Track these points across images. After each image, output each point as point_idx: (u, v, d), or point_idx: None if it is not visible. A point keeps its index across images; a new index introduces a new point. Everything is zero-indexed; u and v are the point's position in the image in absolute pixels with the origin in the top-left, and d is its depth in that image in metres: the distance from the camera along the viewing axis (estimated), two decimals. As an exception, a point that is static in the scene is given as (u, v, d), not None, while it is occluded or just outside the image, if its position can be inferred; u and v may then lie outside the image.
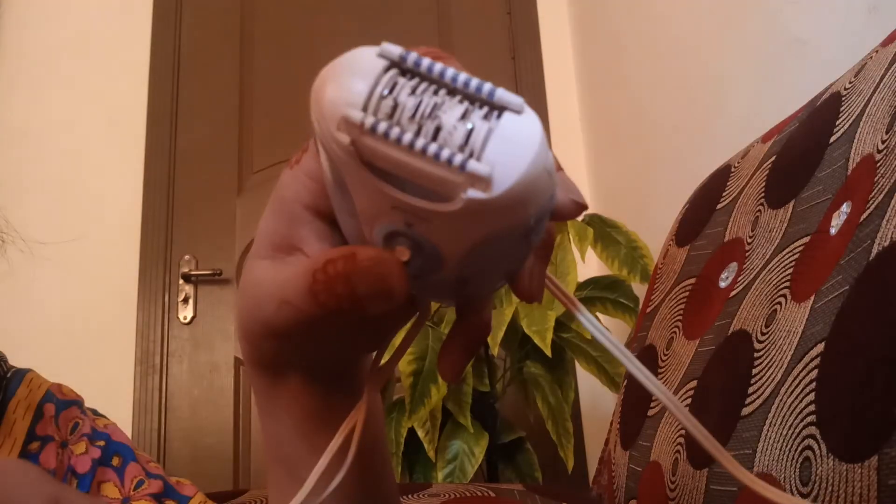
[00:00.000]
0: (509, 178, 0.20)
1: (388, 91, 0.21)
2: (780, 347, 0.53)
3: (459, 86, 0.21)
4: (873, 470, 0.39)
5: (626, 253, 1.48)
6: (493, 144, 0.21)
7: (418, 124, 0.21)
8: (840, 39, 1.01)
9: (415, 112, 0.21)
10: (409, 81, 0.21)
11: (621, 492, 0.73)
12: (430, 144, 0.20)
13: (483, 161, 0.20)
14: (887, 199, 0.47)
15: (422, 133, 0.20)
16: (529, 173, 0.21)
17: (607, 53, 1.89)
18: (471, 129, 0.21)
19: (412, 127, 0.20)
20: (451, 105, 0.21)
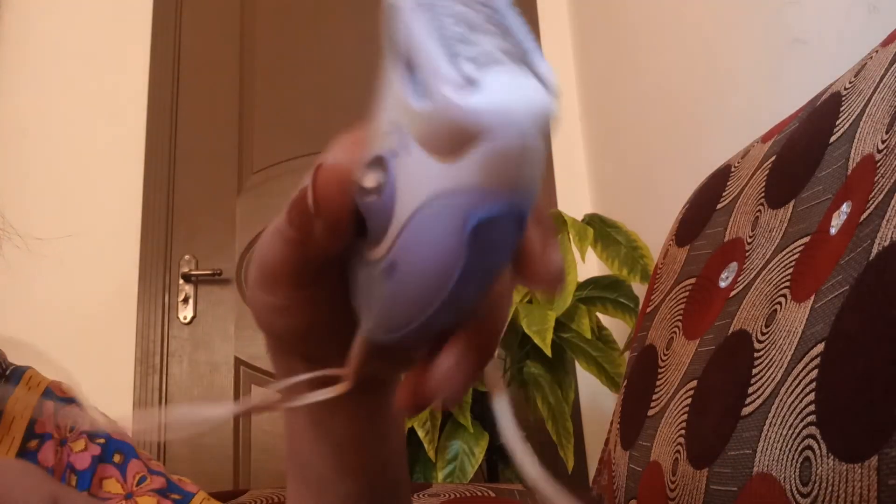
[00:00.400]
0: (498, 111, 0.18)
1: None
2: (781, 347, 0.53)
3: (512, 27, 0.20)
4: (873, 470, 0.39)
5: (626, 253, 1.48)
6: (504, 79, 0.18)
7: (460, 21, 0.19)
8: (840, 39, 1.01)
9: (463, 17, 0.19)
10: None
11: (621, 492, 0.73)
12: (455, 33, 0.19)
13: (486, 86, 0.18)
14: (887, 199, 0.47)
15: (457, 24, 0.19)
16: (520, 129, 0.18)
17: (607, 53, 1.89)
18: (490, 52, 0.19)
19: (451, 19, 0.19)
20: (494, 34, 0.19)
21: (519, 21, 0.20)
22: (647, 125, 1.65)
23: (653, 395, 0.73)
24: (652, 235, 1.47)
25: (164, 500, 0.55)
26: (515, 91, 0.18)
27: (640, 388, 0.77)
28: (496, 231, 0.20)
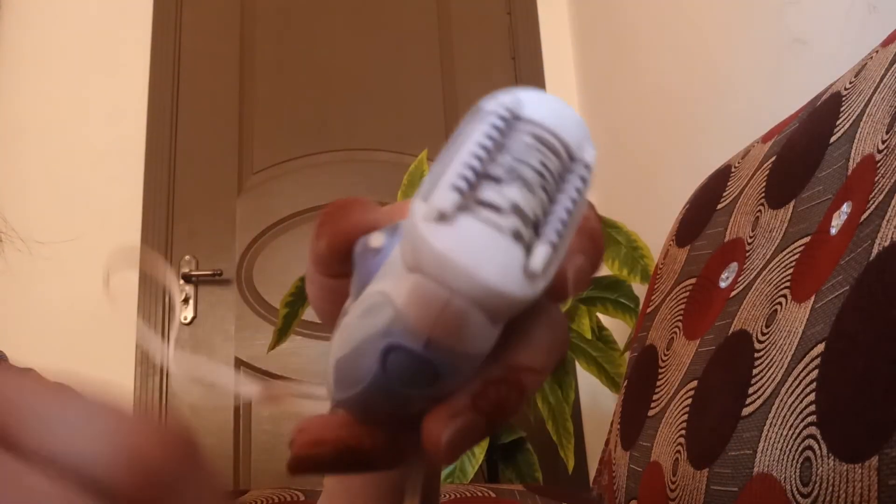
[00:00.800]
0: (440, 252, 0.17)
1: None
2: (781, 347, 0.53)
3: (555, 204, 0.19)
4: (873, 470, 0.39)
5: (626, 253, 1.48)
6: (480, 233, 0.17)
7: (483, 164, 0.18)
8: (840, 39, 1.01)
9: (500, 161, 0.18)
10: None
11: (622, 492, 0.73)
12: (497, 172, 0.18)
13: (456, 225, 0.17)
14: (887, 199, 0.47)
15: (466, 165, 0.18)
16: (451, 284, 0.17)
17: (607, 54, 1.89)
18: (499, 206, 0.17)
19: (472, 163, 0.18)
20: (528, 195, 0.18)
21: (566, 207, 0.18)
22: (647, 125, 1.65)
23: (653, 396, 0.73)
24: (652, 235, 1.47)
25: None
26: (477, 248, 0.17)
27: (641, 388, 0.77)
28: (405, 363, 0.19)
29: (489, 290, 0.17)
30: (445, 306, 0.18)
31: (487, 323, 0.18)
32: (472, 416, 0.19)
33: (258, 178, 2.03)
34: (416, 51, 2.10)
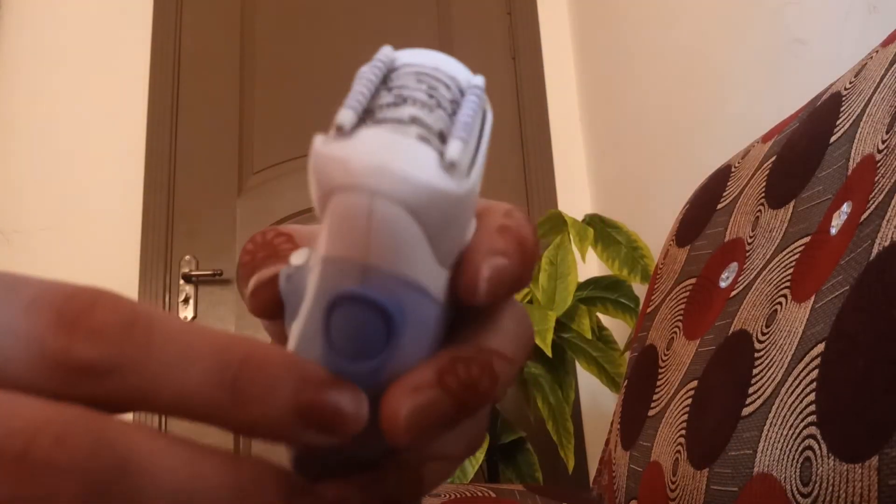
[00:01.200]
0: (348, 161, 0.16)
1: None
2: (781, 347, 0.53)
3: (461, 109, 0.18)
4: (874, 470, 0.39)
5: (626, 253, 1.48)
6: (383, 139, 0.16)
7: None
8: (840, 39, 1.01)
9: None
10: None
11: (622, 492, 0.73)
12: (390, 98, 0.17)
13: (357, 138, 0.16)
14: (888, 199, 0.47)
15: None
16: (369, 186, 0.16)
17: (607, 53, 1.89)
18: (397, 116, 0.17)
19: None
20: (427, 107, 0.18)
21: (468, 114, 0.18)
22: (647, 125, 1.65)
23: (653, 396, 0.73)
24: (652, 235, 1.47)
25: None
26: (386, 147, 0.16)
27: (641, 388, 0.77)
28: (351, 317, 0.17)
29: (408, 180, 0.16)
30: (369, 212, 0.16)
31: (423, 239, 0.17)
32: (437, 393, 0.17)
33: (258, 178, 2.03)
34: (416, 51, 2.10)
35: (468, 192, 0.17)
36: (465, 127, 0.17)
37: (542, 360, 1.42)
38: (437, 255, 0.17)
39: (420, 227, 0.16)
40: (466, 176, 0.17)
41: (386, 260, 0.17)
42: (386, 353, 0.18)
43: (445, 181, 0.16)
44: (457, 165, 0.17)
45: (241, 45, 2.13)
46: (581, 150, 2.04)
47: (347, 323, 0.17)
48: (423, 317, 0.18)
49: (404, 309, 0.17)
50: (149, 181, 2.01)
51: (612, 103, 1.86)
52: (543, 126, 2.06)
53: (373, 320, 0.17)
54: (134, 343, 0.15)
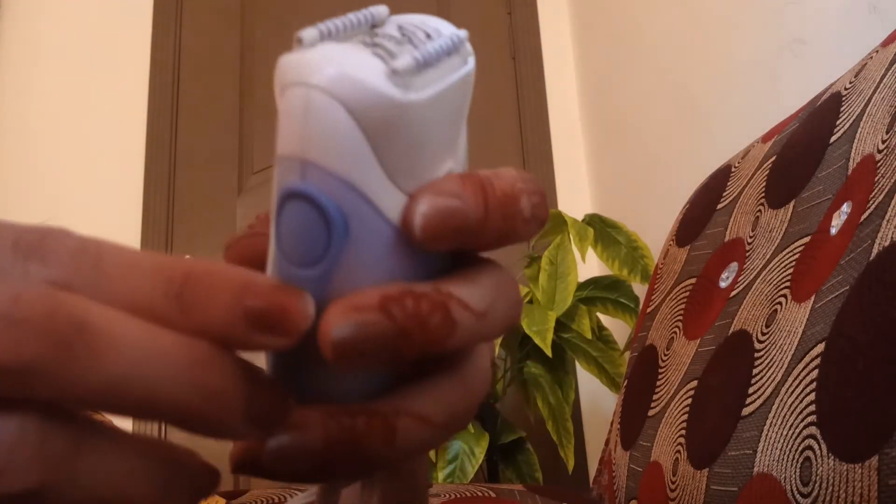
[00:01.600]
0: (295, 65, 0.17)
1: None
2: (781, 347, 0.53)
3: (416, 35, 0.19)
4: (874, 470, 0.39)
5: (626, 253, 1.48)
6: (335, 49, 0.17)
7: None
8: (840, 39, 1.01)
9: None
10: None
11: (622, 492, 0.73)
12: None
13: (313, 49, 0.17)
14: (888, 199, 0.47)
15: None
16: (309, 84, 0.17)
17: (607, 53, 1.89)
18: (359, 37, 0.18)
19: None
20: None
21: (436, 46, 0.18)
22: (647, 125, 1.65)
23: (653, 396, 0.73)
24: (652, 235, 1.47)
25: None
26: (334, 56, 0.17)
27: (641, 388, 0.77)
28: (294, 216, 0.18)
29: (346, 76, 0.17)
30: (306, 104, 0.17)
31: (365, 144, 0.17)
32: (377, 317, 0.17)
33: (258, 178, 2.03)
34: (416, 51, 2.10)
35: (413, 104, 0.17)
36: (424, 51, 0.18)
37: (542, 360, 1.42)
38: (387, 169, 0.18)
39: (360, 129, 0.17)
40: (416, 91, 0.17)
41: (323, 156, 0.17)
42: (329, 258, 0.18)
43: (386, 85, 0.17)
44: (401, 74, 0.17)
45: (241, 45, 2.13)
46: (581, 150, 2.04)
47: (291, 222, 0.18)
48: (371, 232, 0.18)
49: (345, 213, 0.17)
50: (149, 181, 2.01)
51: (612, 103, 1.86)
52: (543, 126, 2.06)
53: (314, 220, 0.17)
54: (85, 264, 0.16)
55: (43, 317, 0.15)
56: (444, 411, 0.19)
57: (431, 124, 0.18)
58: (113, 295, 0.16)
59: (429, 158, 0.19)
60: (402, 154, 0.18)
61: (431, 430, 0.19)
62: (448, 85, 0.18)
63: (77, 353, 0.15)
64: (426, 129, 0.18)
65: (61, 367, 0.15)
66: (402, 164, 0.18)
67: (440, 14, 2.25)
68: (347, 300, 0.17)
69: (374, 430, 0.18)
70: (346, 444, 0.18)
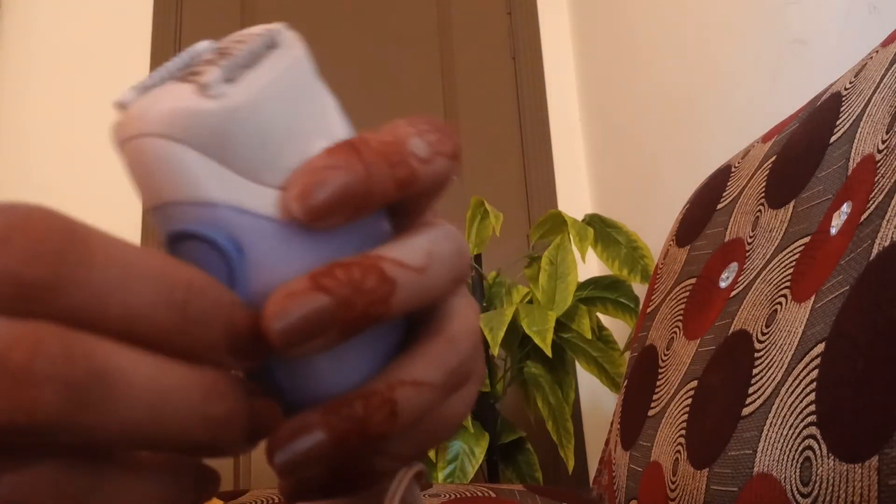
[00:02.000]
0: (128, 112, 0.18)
1: None
2: (781, 347, 0.53)
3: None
4: (874, 470, 0.39)
5: (626, 253, 1.48)
6: (157, 90, 0.18)
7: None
8: (840, 39, 1.01)
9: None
10: None
11: (622, 492, 0.73)
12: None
13: (137, 102, 0.18)
14: (888, 199, 0.47)
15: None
16: (131, 129, 0.17)
17: (607, 54, 1.89)
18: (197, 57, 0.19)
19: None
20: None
21: (246, 46, 0.19)
22: (647, 125, 1.65)
23: (653, 396, 0.73)
24: (652, 235, 1.47)
25: None
26: (145, 104, 0.18)
27: (641, 388, 0.77)
28: (189, 257, 0.18)
29: (157, 112, 0.17)
30: (136, 153, 0.17)
31: (204, 160, 0.17)
32: (314, 295, 0.17)
33: (258, 178, 2.03)
34: (416, 51, 2.10)
35: (238, 107, 0.17)
36: (231, 58, 0.18)
37: (542, 360, 1.42)
38: (246, 173, 0.18)
39: (195, 150, 0.17)
40: (236, 95, 0.18)
41: (177, 191, 0.17)
42: (240, 278, 0.18)
43: (198, 102, 0.17)
44: (211, 86, 0.17)
45: (241, 45, 2.13)
46: (581, 150, 2.04)
47: (191, 261, 0.18)
48: (263, 237, 0.18)
49: (228, 232, 0.18)
50: (149, 181, 2.01)
51: (612, 103, 1.86)
52: (543, 126, 2.06)
53: (205, 253, 0.18)
54: (74, 258, 0.15)
55: (62, 368, 0.14)
56: (438, 371, 0.20)
57: (272, 116, 0.18)
58: (111, 298, 0.15)
59: (288, 147, 0.19)
60: (253, 154, 0.18)
61: (431, 391, 0.19)
62: (275, 76, 0.19)
63: (94, 402, 0.14)
64: (267, 122, 0.18)
65: (78, 419, 0.14)
66: (258, 162, 0.18)
67: (440, 14, 2.26)
68: (279, 290, 0.17)
69: (376, 409, 0.18)
70: (354, 433, 0.18)
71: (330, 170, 0.18)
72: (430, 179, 0.20)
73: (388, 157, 0.19)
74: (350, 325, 0.17)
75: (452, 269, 0.20)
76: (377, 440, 0.18)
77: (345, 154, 0.18)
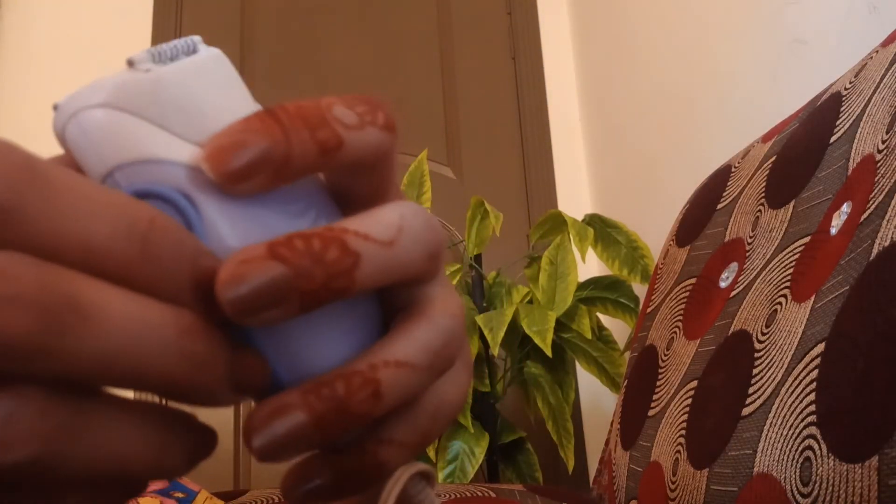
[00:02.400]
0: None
1: None
2: (781, 347, 0.53)
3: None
4: (874, 470, 0.39)
5: (626, 253, 1.48)
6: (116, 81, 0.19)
7: None
8: (840, 39, 1.01)
9: None
10: None
11: (622, 492, 0.73)
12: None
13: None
14: (888, 199, 0.47)
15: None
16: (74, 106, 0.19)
17: (607, 53, 1.89)
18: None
19: None
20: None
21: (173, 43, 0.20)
22: (647, 125, 1.65)
23: (653, 396, 0.73)
24: (652, 235, 1.47)
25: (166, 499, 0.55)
26: (82, 88, 0.19)
27: (641, 388, 0.77)
28: None
29: (94, 87, 0.19)
30: (78, 125, 0.19)
31: (145, 123, 0.18)
32: (269, 263, 0.17)
33: (258, 178, 2.03)
34: (416, 51, 2.10)
35: (156, 77, 0.19)
36: (157, 49, 0.20)
37: (542, 360, 1.42)
38: (182, 134, 0.19)
39: (131, 114, 0.19)
40: (154, 70, 0.19)
41: (119, 154, 0.18)
42: (200, 234, 0.18)
43: (129, 73, 0.19)
44: (139, 62, 0.19)
45: (241, 45, 2.13)
46: (581, 150, 2.04)
47: None
48: (208, 192, 0.18)
49: (174, 185, 0.18)
50: (149, 181, 2.01)
51: (612, 103, 1.86)
52: (543, 126, 2.06)
53: (162, 207, 0.18)
54: (34, 184, 0.15)
55: (35, 293, 0.14)
56: (420, 351, 0.19)
57: (198, 90, 0.20)
58: (70, 228, 0.15)
59: (220, 119, 0.19)
60: (186, 121, 0.19)
61: (415, 372, 0.19)
62: (195, 61, 0.20)
63: (69, 329, 0.14)
64: (194, 95, 0.19)
65: (53, 345, 0.14)
66: (192, 129, 0.19)
67: (440, 14, 2.26)
68: (234, 256, 0.17)
69: (357, 389, 0.18)
70: (335, 413, 0.18)
71: (244, 132, 0.18)
72: (361, 148, 0.19)
73: (308, 121, 0.19)
74: (310, 297, 0.17)
75: (425, 245, 0.20)
76: (360, 422, 0.18)
77: (261, 118, 0.18)
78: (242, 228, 0.18)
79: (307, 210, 0.20)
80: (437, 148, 1.98)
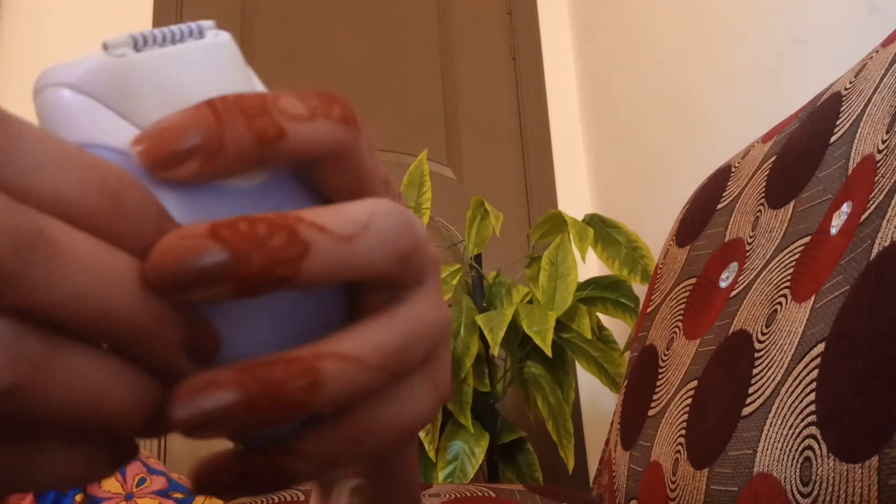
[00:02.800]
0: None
1: None
2: (781, 347, 0.53)
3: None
4: (874, 470, 0.39)
5: (626, 253, 1.48)
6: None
7: None
8: (840, 39, 1.01)
9: None
10: None
11: (622, 492, 0.73)
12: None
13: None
14: (888, 199, 0.47)
15: None
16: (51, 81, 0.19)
17: (607, 53, 1.89)
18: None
19: None
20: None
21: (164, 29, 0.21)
22: (647, 125, 1.65)
23: (653, 396, 0.73)
24: (652, 235, 1.47)
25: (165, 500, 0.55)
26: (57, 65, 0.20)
27: (641, 388, 0.77)
28: None
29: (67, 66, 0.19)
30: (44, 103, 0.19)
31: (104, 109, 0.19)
32: (205, 242, 0.16)
33: (258, 178, 2.03)
34: (416, 51, 2.10)
35: (127, 64, 0.19)
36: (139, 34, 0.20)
37: (542, 360, 1.42)
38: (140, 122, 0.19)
39: (94, 100, 0.19)
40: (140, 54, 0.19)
41: (76, 135, 0.18)
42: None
43: (101, 56, 0.19)
44: (113, 46, 0.19)
45: (241, 44, 2.12)
46: (581, 150, 2.04)
47: None
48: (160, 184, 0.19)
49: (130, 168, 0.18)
50: (149, 181, 2.01)
51: (612, 103, 1.86)
52: (543, 126, 2.06)
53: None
54: (7, 133, 0.15)
55: (5, 220, 0.14)
56: (374, 350, 0.19)
57: (176, 80, 0.19)
58: (40, 179, 0.15)
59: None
60: (156, 105, 0.19)
61: (364, 370, 0.18)
62: (184, 49, 0.20)
63: (39, 259, 0.14)
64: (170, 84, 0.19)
65: (21, 273, 0.14)
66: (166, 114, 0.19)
67: (440, 14, 2.26)
68: (176, 231, 0.17)
69: (295, 376, 0.17)
70: (267, 396, 0.17)
71: (175, 119, 0.18)
72: (310, 139, 0.19)
73: (246, 110, 0.18)
74: (247, 281, 0.17)
75: (394, 246, 0.19)
76: (294, 411, 0.17)
77: (197, 107, 0.18)
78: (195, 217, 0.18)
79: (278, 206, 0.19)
80: (437, 148, 1.98)
